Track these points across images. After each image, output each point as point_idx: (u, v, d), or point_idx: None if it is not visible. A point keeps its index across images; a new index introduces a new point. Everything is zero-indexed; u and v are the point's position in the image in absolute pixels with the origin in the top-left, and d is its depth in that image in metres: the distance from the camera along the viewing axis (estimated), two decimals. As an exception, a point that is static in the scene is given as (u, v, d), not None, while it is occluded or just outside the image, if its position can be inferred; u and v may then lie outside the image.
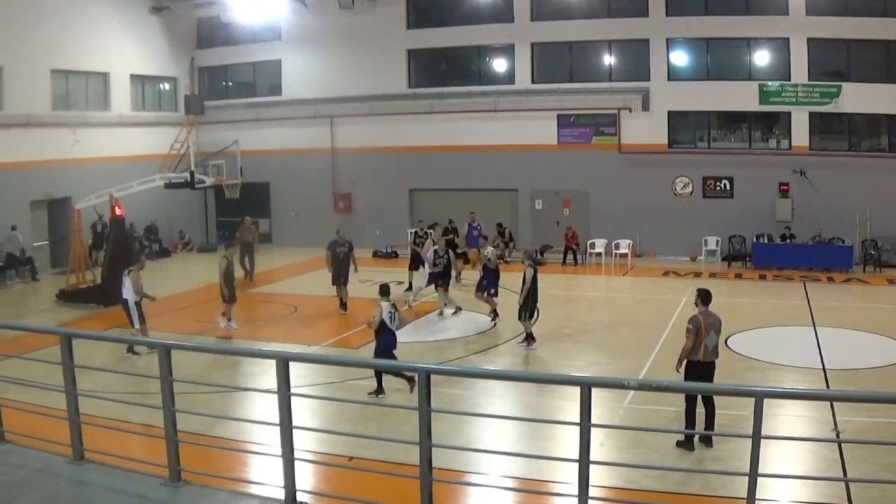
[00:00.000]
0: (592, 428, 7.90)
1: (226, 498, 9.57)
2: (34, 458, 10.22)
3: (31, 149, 34.97)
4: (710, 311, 15.18)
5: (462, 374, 18.57)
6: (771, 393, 8.26)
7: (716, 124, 38.57)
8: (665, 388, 9.10)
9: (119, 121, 40.31)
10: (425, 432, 8.24)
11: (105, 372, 19.26)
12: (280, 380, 8.82)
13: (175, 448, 9.38)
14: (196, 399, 17.09)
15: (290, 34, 43.44)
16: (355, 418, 16.57)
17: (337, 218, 41.59)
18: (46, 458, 10.17)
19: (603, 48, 39.42)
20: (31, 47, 35.18)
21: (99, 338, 21.70)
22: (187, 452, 9.72)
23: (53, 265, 36.73)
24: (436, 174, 41.27)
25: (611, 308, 29.16)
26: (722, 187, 37.49)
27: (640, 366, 20.78)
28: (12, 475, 9.85)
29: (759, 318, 25.87)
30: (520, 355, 22.39)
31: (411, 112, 41.36)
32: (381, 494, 11.11)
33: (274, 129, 43.50)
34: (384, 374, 18.35)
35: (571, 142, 39.37)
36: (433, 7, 42.07)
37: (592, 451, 7.93)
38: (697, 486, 13.29)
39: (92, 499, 9.36)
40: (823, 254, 34.57)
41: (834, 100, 35.36)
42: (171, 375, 9.32)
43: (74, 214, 31.35)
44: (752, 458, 7.56)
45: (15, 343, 19.97)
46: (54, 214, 37.26)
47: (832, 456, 14.29)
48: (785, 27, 35.67)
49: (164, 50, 43.50)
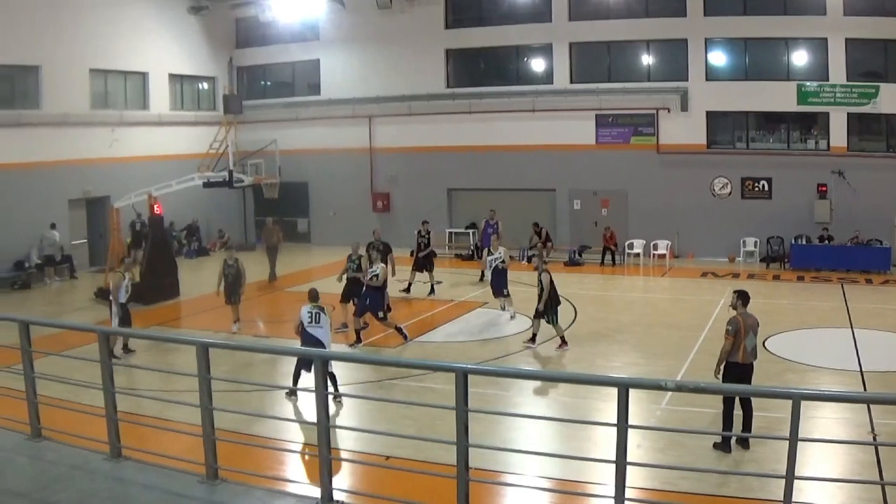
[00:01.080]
0: (629, 429, 7.86)
1: (262, 496, 9.57)
2: (71, 454, 10.27)
3: (69, 147, 35.27)
4: (748, 313, 15.05)
5: (499, 374, 18.55)
6: (808, 395, 8.19)
7: (754, 125, 38.27)
8: (702, 390, 9.04)
9: (158, 120, 40.57)
10: (462, 432, 8.22)
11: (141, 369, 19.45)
12: (318, 379, 8.84)
13: (212, 446, 9.39)
14: (233, 397, 17.18)
15: (329, 34, 43.57)
16: (392, 418, 16.54)
17: (375, 217, 41.69)
18: (83, 455, 10.22)
19: (641, 48, 39.23)
20: (69, 47, 35.48)
21: (136, 335, 21.92)
22: (224, 450, 9.76)
23: (91, 263, 37.03)
24: (474, 174, 41.24)
25: (649, 309, 29.03)
26: (760, 188, 37.23)
27: (678, 367, 20.66)
28: (49, 471, 9.92)
29: (796, 320, 25.66)
30: (556, 356, 22.30)
31: (449, 112, 41.32)
32: (418, 494, 11.11)
33: (312, 128, 43.65)
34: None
35: (610, 142, 39.23)
36: (471, 7, 42.03)
37: (629, 452, 7.89)
38: (734, 488, 13.22)
39: (128, 495, 9.38)
40: (861, 255, 34.24)
41: (872, 100, 35.01)
42: (208, 373, 9.35)
43: (113, 213, 31.53)
44: (788, 460, 7.49)
45: (53, 341, 20.08)
46: (93, 213, 37.59)
47: (869, 458, 14.18)
48: (823, 27, 35.33)
49: (202, 49, 43.75)
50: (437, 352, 22.70)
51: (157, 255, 30.44)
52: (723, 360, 14.77)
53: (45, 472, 9.92)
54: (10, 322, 10.99)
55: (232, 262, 25.20)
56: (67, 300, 31.59)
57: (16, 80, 34.97)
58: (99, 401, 10.22)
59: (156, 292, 29.38)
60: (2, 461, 10.24)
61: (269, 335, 25.00)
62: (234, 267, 25.14)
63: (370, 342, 23.68)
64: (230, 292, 25.10)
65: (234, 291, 25.10)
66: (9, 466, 10.14)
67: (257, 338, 24.88)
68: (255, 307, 29.00)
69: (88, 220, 37.70)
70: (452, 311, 27.50)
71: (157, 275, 29.90)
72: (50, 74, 34.97)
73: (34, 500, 9.20)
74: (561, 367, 21.43)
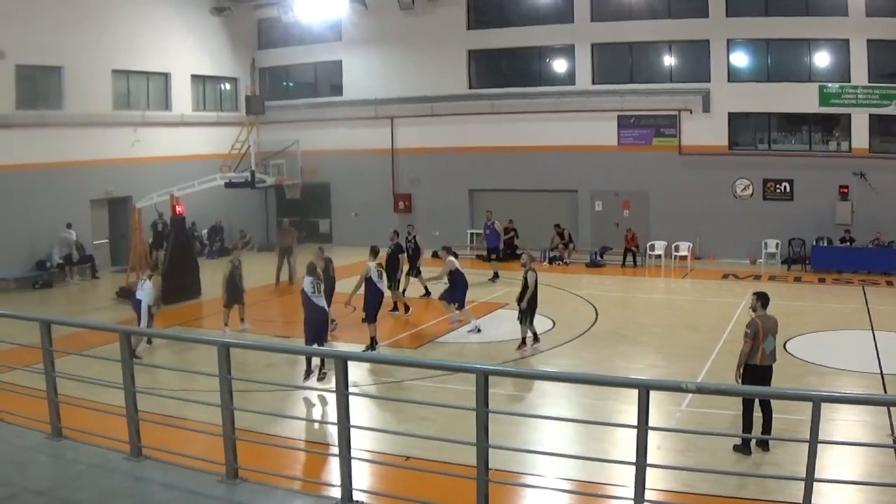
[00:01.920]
0: (650, 431, 7.85)
1: (282, 496, 9.61)
2: (91, 453, 10.33)
3: (91, 148, 35.52)
4: (768, 315, 15.04)
5: (519, 375, 18.58)
6: (828, 397, 8.16)
7: (776, 126, 38.12)
8: (722, 392, 9.04)
9: (180, 120, 40.75)
10: (482, 433, 8.23)
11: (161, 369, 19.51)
12: (338, 379, 8.85)
13: (233, 445, 9.42)
14: (253, 397, 17.22)
15: (351, 35, 43.65)
16: (412, 418, 16.56)
17: (397, 218, 41.75)
18: (103, 454, 10.28)
19: (663, 49, 39.15)
20: (92, 48, 35.70)
21: (158, 335, 21.99)
22: (244, 450, 9.79)
23: (113, 263, 37.24)
24: (496, 175, 41.23)
25: (670, 310, 29.00)
26: (782, 190, 37.11)
27: (699, 369, 20.59)
28: (69, 470, 9.97)
29: (817, 322, 25.57)
30: (577, 357, 22.27)
31: (471, 112, 41.31)
32: (438, 495, 11.10)
33: (334, 129, 43.73)
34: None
35: (632, 143, 39.17)
36: (493, 8, 42.03)
37: (649, 453, 7.88)
38: (753, 490, 13.18)
39: (149, 494, 9.42)
40: (883, 257, 34.13)
41: (894, 102, 34.82)
42: (229, 373, 9.38)
43: (135, 213, 31.61)
44: (808, 463, 7.47)
45: (74, 340, 20.18)
46: (115, 213, 37.83)
47: (889, 461, 14.12)
48: (844, 28, 35.18)
49: (224, 50, 43.91)
50: (457, 353, 22.70)
51: (179, 255, 30.57)
52: (742, 363, 14.75)
53: (66, 470, 9.97)
54: (32, 321, 11.05)
55: (238, 264, 25.36)
56: (89, 300, 31.71)
57: (38, 80, 35.12)
58: (120, 400, 10.26)
59: (177, 292, 29.49)
60: (23, 460, 10.29)
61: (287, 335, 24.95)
62: (240, 268, 25.30)
63: (392, 342, 23.75)
64: (237, 294, 25.19)
65: (240, 293, 25.25)
66: (30, 465, 10.19)
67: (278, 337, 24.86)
68: (270, 308, 29.07)
69: (110, 220, 37.95)
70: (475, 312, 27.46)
71: (179, 275, 30.00)
72: (72, 75, 35.19)
73: (54, 498, 9.24)
74: (581, 368, 21.39)
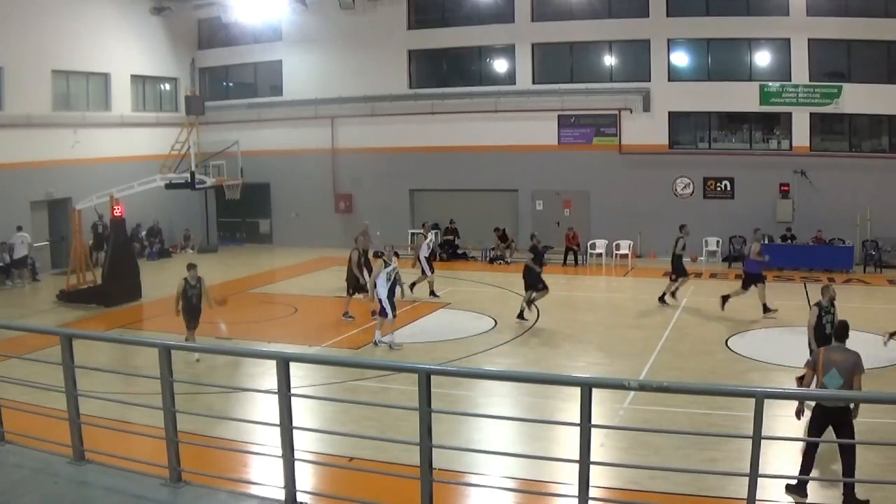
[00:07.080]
0: (593, 428, 7.89)
1: (226, 498, 9.55)
2: (34, 458, 10.20)
3: (31, 149, 35.06)
4: (836, 347, 13.17)
5: (462, 374, 18.54)
6: (771, 393, 8.24)
7: (716, 125, 38.59)
8: (665, 389, 9.06)
9: (120, 121, 40.34)
10: (426, 433, 8.23)
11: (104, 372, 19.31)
12: (280, 380, 8.82)
13: (175, 448, 9.36)
14: (197, 400, 17.11)
15: (291, 35, 43.46)
16: (355, 419, 16.51)
17: (338, 218, 41.67)
18: (46, 459, 10.15)
19: (604, 48, 39.42)
20: (31, 48, 35.22)
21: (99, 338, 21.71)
22: (188, 453, 9.71)
23: (54, 265, 36.80)
24: (436, 175, 41.27)
25: (611, 309, 29.17)
26: (723, 188, 37.50)
27: (641, 366, 20.74)
28: (12, 475, 9.83)
29: (760, 319, 25.90)
30: (519, 356, 22.36)
31: (412, 112, 41.38)
32: (382, 495, 11.10)
33: (274, 129, 43.55)
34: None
35: (572, 142, 39.39)
36: (434, 7, 42.10)
37: (593, 451, 7.92)
38: (699, 486, 13.27)
39: (92, 499, 9.33)
40: (824, 254, 34.64)
41: (835, 100, 35.37)
42: (171, 376, 9.31)
43: (75, 215, 31.27)
44: (752, 458, 7.56)
45: (15, 343, 19.94)
46: (55, 215, 37.34)
47: (834, 457, 14.25)
48: (786, 28, 35.67)
49: (164, 50, 43.51)
50: (400, 353, 22.67)
51: (119, 257, 30.31)
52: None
53: (8, 476, 9.84)
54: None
55: (195, 283, 22.13)
56: (29, 302, 31.35)
57: (-23, 81, 34.64)
58: (62, 404, 10.15)
59: (118, 294, 29.28)
60: (-37, 466, 10.16)
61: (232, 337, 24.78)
62: (197, 287, 22.16)
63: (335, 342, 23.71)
64: (194, 315, 22.21)
65: (196, 314, 22.26)
66: (-29, 471, 10.06)
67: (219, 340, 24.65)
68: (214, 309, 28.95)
69: (50, 222, 37.45)
70: (417, 312, 27.47)
71: (120, 277, 29.78)
72: (12, 75, 34.72)
73: (-3, 504, 9.14)
74: (524, 367, 21.45)
